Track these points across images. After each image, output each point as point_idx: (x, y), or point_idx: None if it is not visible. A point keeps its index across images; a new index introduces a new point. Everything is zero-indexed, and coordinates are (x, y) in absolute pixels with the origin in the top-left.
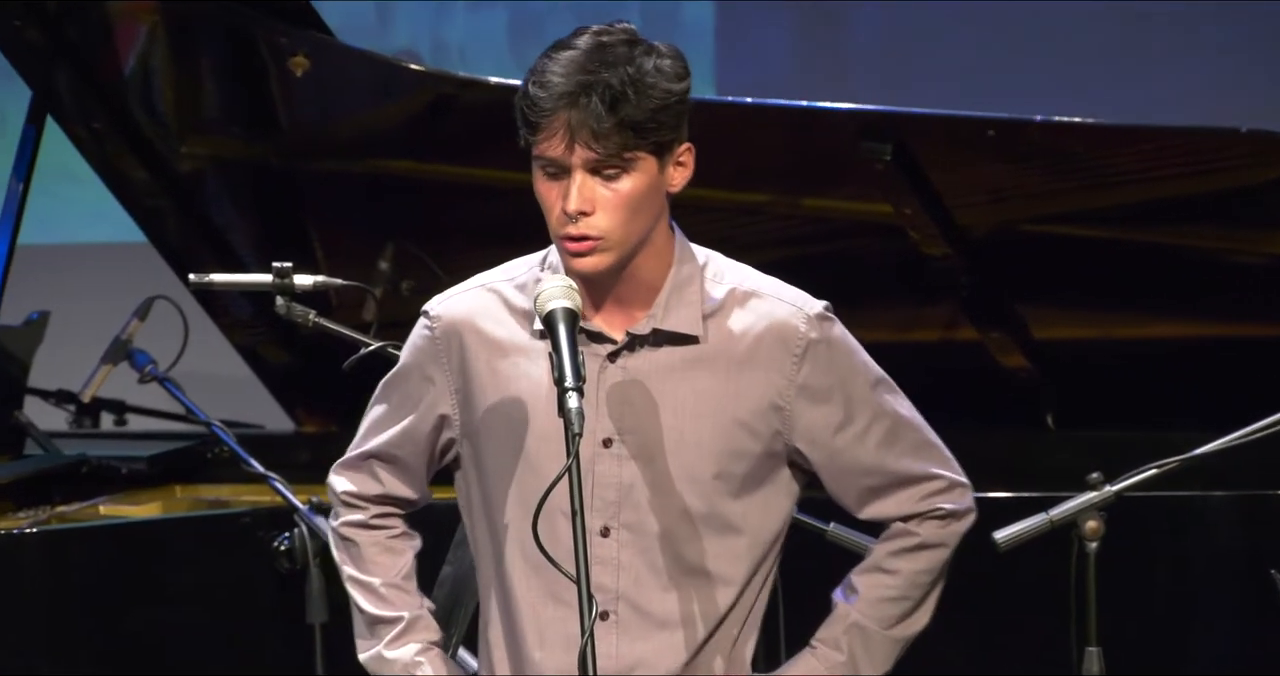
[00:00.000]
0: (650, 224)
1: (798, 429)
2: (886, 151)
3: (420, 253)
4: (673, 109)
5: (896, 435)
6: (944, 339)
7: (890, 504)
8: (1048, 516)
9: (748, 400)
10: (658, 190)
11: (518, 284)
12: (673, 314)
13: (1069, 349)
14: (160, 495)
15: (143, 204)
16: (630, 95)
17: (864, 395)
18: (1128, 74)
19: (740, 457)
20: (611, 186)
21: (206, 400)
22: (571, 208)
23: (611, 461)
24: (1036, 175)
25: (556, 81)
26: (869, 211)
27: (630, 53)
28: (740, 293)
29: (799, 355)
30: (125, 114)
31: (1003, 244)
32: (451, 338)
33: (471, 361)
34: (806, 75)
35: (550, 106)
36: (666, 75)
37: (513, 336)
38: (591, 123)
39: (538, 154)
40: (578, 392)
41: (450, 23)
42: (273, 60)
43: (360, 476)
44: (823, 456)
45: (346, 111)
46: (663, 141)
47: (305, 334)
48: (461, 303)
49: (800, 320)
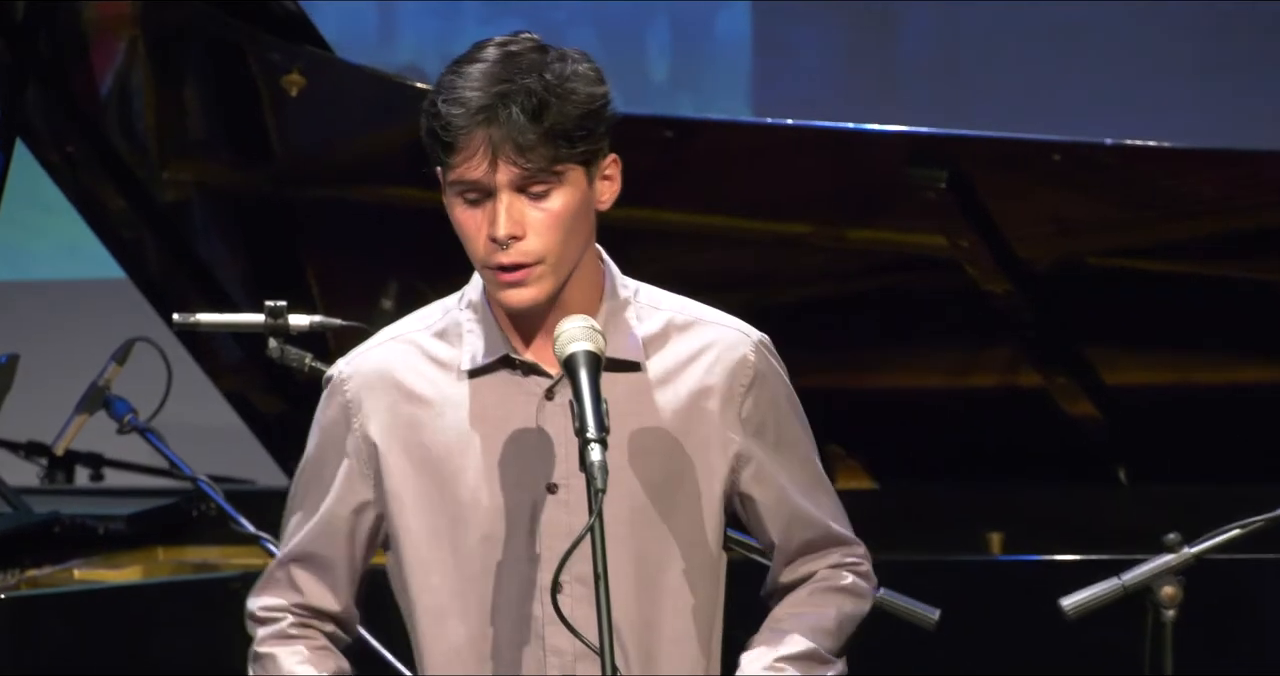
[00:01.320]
0: (584, 245)
1: (745, 467)
2: (941, 178)
3: (427, 289)
4: (598, 115)
5: (823, 487)
6: (1004, 385)
7: (818, 562)
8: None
9: (697, 435)
10: (588, 207)
11: (435, 331)
12: (610, 340)
13: (1142, 396)
14: (141, 558)
15: (121, 236)
16: (552, 102)
17: (796, 437)
18: (1209, 91)
19: (691, 495)
20: (542, 206)
21: (192, 453)
22: (501, 233)
23: (558, 509)
24: (1106, 204)
25: (471, 96)
26: (921, 244)
27: (543, 59)
28: (681, 320)
29: (746, 385)
30: (102, 137)
31: (1069, 279)
32: (365, 400)
33: (390, 422)
34: (851, 92)
35: (467, 123)
36: (586, 79)
37: (436, 389)
38: (515, 135)
39: (454, 178)
40: (601, 444)
41: (460, 36)
42: (265, 78)
43: (276, 588)
44: (768, 498)
45: (346, 134)
46: (591, 151)
47: (301, 380)
48: (371, 359)
49: (748, 348)
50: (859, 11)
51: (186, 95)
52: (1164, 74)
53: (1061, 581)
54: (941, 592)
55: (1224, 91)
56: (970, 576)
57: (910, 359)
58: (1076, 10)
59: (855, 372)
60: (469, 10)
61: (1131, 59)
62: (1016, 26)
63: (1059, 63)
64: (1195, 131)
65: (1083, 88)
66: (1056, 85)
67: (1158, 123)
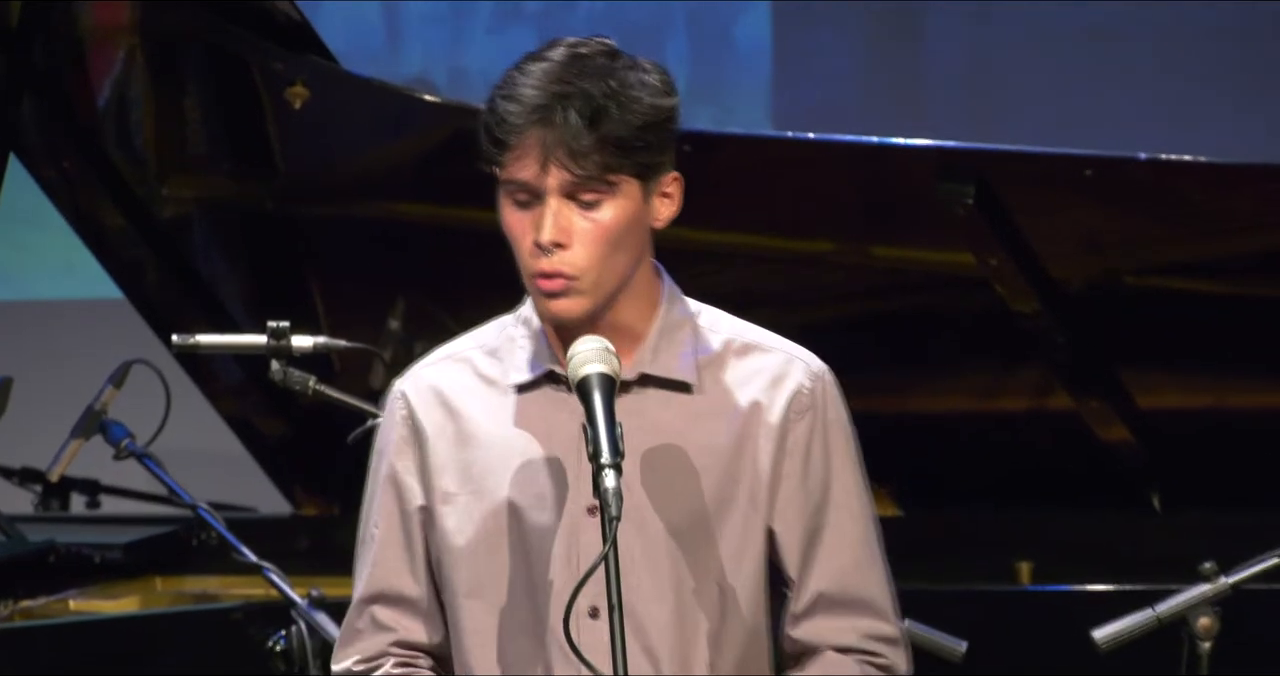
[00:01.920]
0: (632, 263)
1: (778, 500)
2: (969, 193)
3: (436, 310)
4: (660, 127)
5: (869, 546)
6: (1034, 408)
7: (833, 627)
8: (1154, 612)
9: (745, 462)
10: (641, 223)
11: (488, 349)
12: (662, 358)
13: (1177, 419)
14: (139, 588)
15: (119, 254)
16: (612, 109)
17: (849, 485)
18: (1245, 101)
19: (734, 524)
20: (590, 216)
21: (191, 479)
22: (545, 238)
23: (597, 532)
24: (1141, 221)
25: (529, 94)
26: (948, 262)
27: (611, 64)
28: (740, 344)
29: (799, 413)
30: (100, 152)
31: (1102, 299)
32: (418, 417)
33: (438, 440)
34: (876, 104)
35: (521, 122)
36: (652, 90)
37: (483, 406)
38: (568, 139)
39: (506, 178)
40: (615, 470)
41: (470, 47)
42: (268, 90)
43: (363, 637)
44: (791, 536)
45: (352, 148)
46: (648, 164)
47: (304, 403)
48: (427, 376)
49: (805, 377)
50: (883, 18)
51: (187, 107)
52: (1199, 83)
53: (1093, 612)
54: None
55: (1261, 102)
56: (999, 607)
57: (937, 381)
58: (1106, 18)
59: (880, 395)
60: (478, 20)
61: (1166, 68)
62: (1045, 35)
63: (1089, 72)
64: (1232, 143)
65: (1114, 98)
66: (1087, 96)
67: (1194, 134)
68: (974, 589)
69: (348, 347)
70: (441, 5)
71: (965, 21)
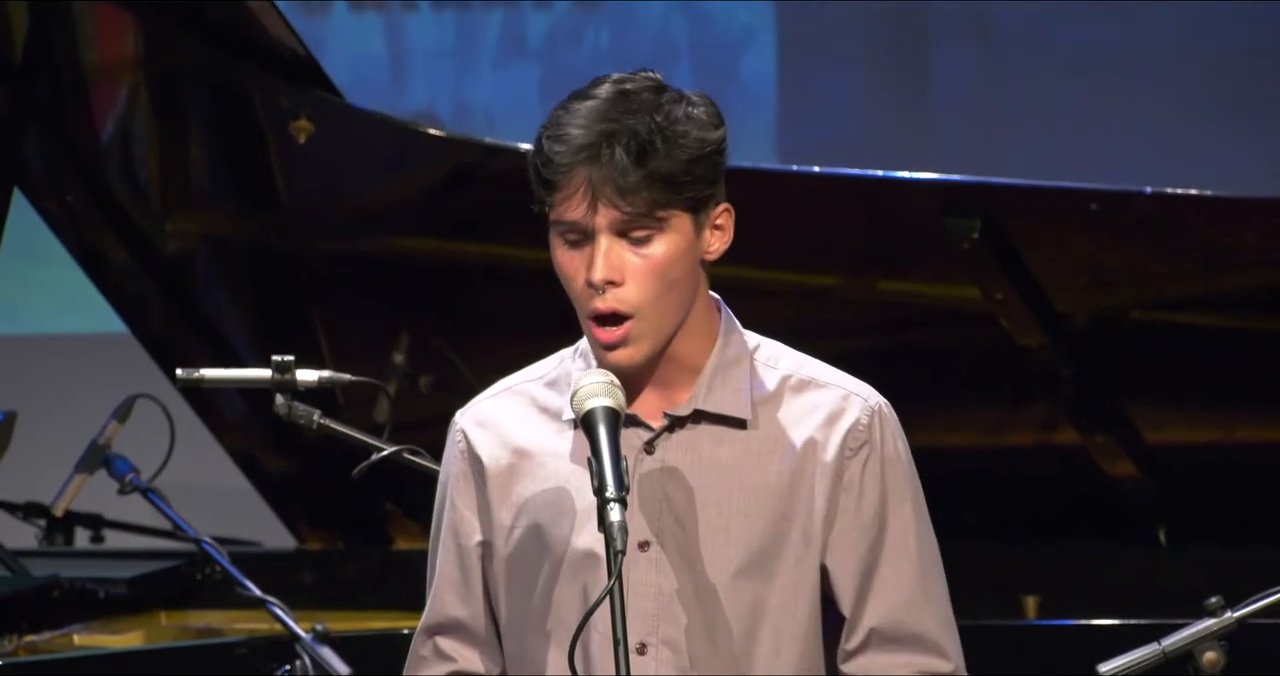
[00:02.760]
0: (688, 299)
1: (832, 537)
2: (974, 228)
3: (440, 344)
4: (708, 160)
5: (925, 584)
6: (1040, 443)
7: (885, 662)
8: (1160, 647)
9: (801, 500)
10: (694, 257)
11: (547, 381)
12: (717, 394)
13: (1185, 455)
14: (143, 623)
15: (123, 289)
16: (659, 145)
17: (905, 521)
18: (1250, 134)
19: (788, 562)
20: (642, 252)
21: (195, 514)
22: (598, 277)
23: (648, 567)
24: (1147, 255)
25: (575, 134)
26: (954, 296)
27: (657, 100)
28: (797, 380)
29: (854, 449)
30: (103, 186)
31: (1108, 334)
32: (479, 449)
33: (495, 472)
34: (881, 140)
35: (568, 161)
36: (699, 123)
37: (543, 440)
38: (616, 177)
39: (556, 218)
40: (620, 503)
41: (475, 81)
42: (272, 124)
43: (426, 666)
44: (843, 576)
45: (356, 182)
46: (698, 198)
47: (308, 437)
48: (486, 409)
49: (863, 412)
50: (888, 54)
51: (191, 142)
52: (1204, 117)
53: (1099, 646)
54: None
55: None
56: (1005, 641)
57: (943, 416)
58: (1112, 53)
59: None
60: (483, 55)
61: (1171, 102)
62: (1050, 71)
63: (1095, 107)
64: (1238, 177)
65: (1120, 132)
66: (1092, 130)
67: (1198, 168)
68: (980, 623)
69: (352, 381)
70: (446, 40)
71: (970, 58)
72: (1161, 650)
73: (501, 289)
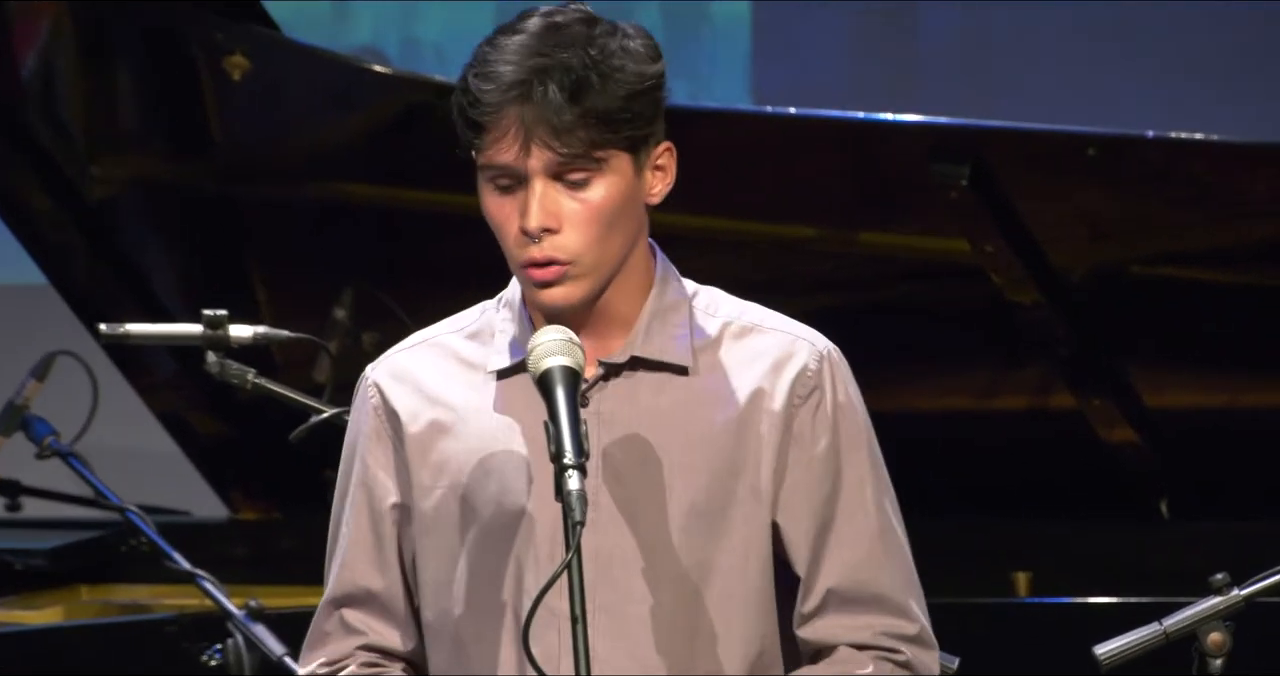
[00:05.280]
0: (628, 242)
1: (783, 492)
2: (963, 174)
3: (386, 298)
4: (647, 96)
5: (885, 539)
6: (1034, 408)
7: (845, 624)
8: (1161, 627)
9: (747, 452)
10: (635, 200)
11: (469, 333)
12: (655, 340)
13: (1188, 420)
14: (64, 597)
15: (45, 238)
16: (594, 80)
17: (861, 472)
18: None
19: (735, 519)
20: (579, 196)
21: (120, 480)
22: (533, 225)
23: (585, 529)
24: (1148, 205)
25: (504, 70)
26: (941, 249)
27: (589, 32)
28: (738, 327)
29: (803, 397)
30: (24, 129)
31: (1106, 289)
32: (395, 403)
33: (413, 429)
34: (863, 79)
35: (497, 100)
36: (636, 56)
37: (462, 393)
38: (550, 116)
39: (485, 162)
40: (580, 470)
41: (424, 16)
42: (205, 61)
43: (330, 640)
44: (797, 531)
45: (296, 124)
46: (638, 137)
47: (243, 399)
48: (401, 362)
49: (810, 358)
50: None
51: (118, 80)
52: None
53: (1096, 626)
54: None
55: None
56: (994, 620)
57: (928, 379)
58: None
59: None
60: None
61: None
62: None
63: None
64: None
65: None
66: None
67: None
68: (968, 601)
69: (290, 338)
70: None
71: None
72: (1163, 630)
73: (453, 239)
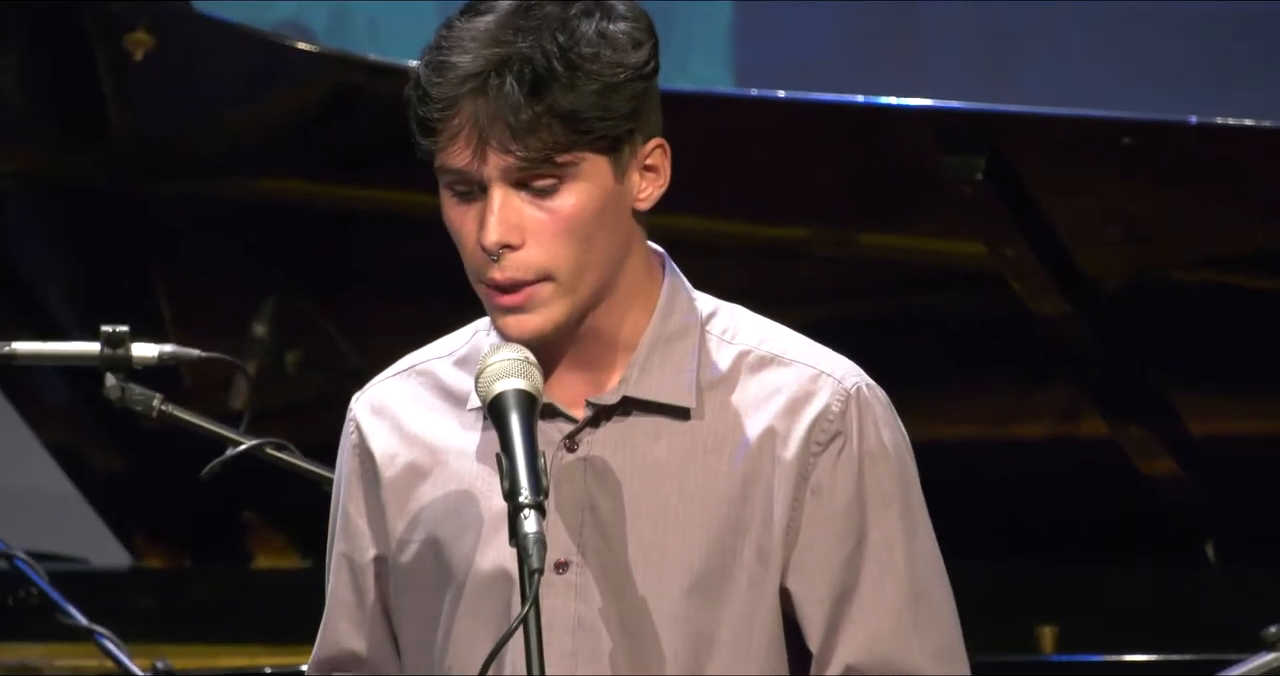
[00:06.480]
0: (613, 257)
1: (795, 554)
2: (978, 167)
3: (313, 312)
4: (626, 90)
5: (915, 609)
6: (1060, 435)
7: None
8: None
9: (755, 505)
10: (616, 208)
11: (456, 358)
12: (654, 377)
13: (1237, 450)
14: None
15: None
16: (560, 71)
17: (889, 532)
18: None
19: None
20: (546, 205)
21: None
22: (490, 240)
23: (566, 592)
24: (1191, 201)
25: (459, 61)
26: (954, 253)
27: (562, 14)
28: (756, 357)
29: (822, 444)
30: None
31: (1143, 298)
32: (372, 442)
33: (394, 473)
34: (862, 57)
35: (450, 94)
36: (615, 42)
37: (447, 432)
38: (506, 114)
39: (440, 165)
40: (537, 510)
41: None
42: (102, 37)
43: None
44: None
45: (208, 110)
46: (614, 136)
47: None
48: (383, 393)
49: (834, 397)
50: None
51: (1, 61)
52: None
53: None
54: None
55: None
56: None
57: (940, 402)
58: None
59: None
60: None
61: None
62: None
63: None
64: None
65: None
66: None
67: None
68: (985, 660)
69: (202, 358)
70: None
71: None
72: None
73: (392, 243)
